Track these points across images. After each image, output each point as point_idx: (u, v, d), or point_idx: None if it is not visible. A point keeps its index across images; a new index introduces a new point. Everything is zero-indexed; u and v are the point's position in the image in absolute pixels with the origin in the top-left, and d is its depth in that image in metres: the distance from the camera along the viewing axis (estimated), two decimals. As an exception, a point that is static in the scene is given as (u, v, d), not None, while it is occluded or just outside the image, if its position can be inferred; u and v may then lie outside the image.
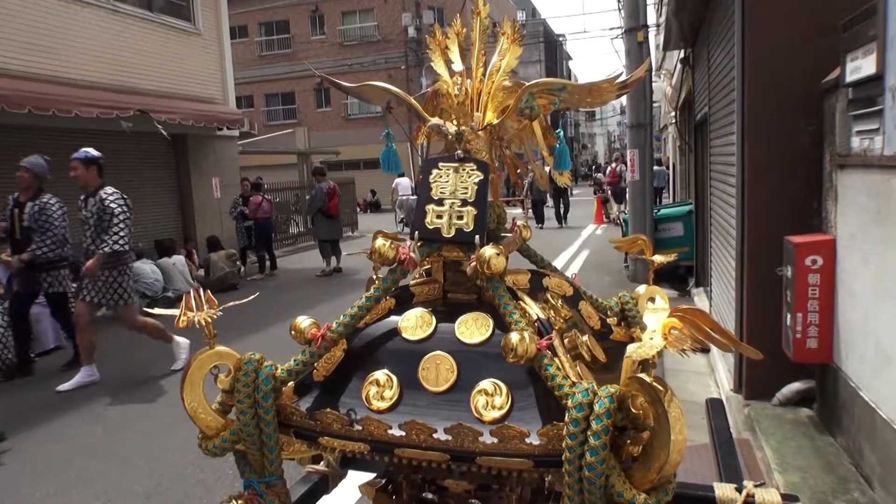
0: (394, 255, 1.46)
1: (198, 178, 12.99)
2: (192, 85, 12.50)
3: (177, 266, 9.82)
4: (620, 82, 1.51)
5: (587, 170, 58.92)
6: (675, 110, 12.65)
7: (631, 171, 9.86)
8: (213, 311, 1.41)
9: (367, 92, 1.68)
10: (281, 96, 33.06)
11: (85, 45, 10.22)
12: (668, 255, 2.02)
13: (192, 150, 12.83)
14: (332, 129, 31.40)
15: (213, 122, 12.21)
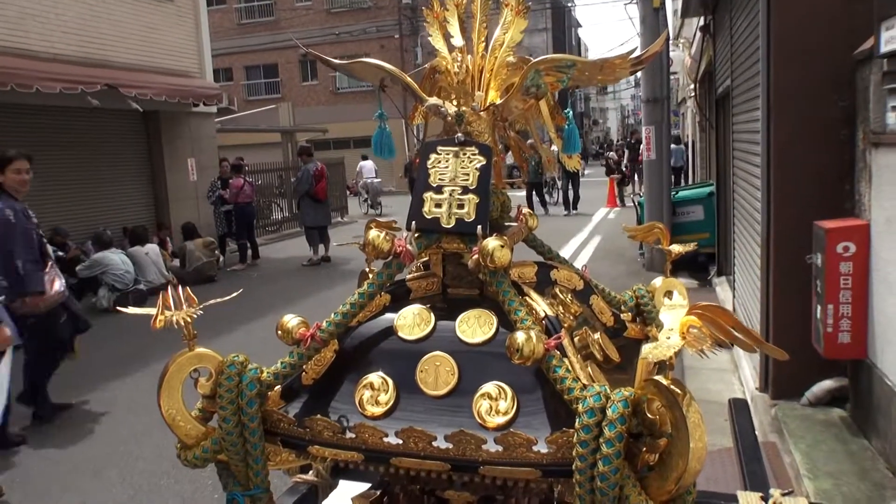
0: (389, 247, 1.46)
1: (172, 160, 12.96)
2: (164, 57, 12.44)
3: (150, 256, 9.82)
4: (635, 58, 1.51)
5: (598, 148, 58.85)
6: (694, 83, 12.60)
7: (647, 149, 9.85)
8: (192, 310, 1.41)
9: (358, 69, 1.68)
10: (263, 68, 32.91)
11: (47, 15, 10.16)
12: (687, 245, 2.02)
13: (165, 129, 12.79)
14: (319, 104, 31.30)
15: (189, 98, 12.16)
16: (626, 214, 15.73)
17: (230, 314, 7.63)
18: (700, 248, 8.98)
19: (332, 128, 24.39)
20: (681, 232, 9.48)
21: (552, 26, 51.23)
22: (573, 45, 63.81)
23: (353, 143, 28.19)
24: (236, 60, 32.41)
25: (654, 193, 9.64)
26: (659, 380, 1.15)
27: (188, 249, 10.77)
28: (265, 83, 32.96)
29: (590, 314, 1.74)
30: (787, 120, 4.45)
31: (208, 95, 12.88)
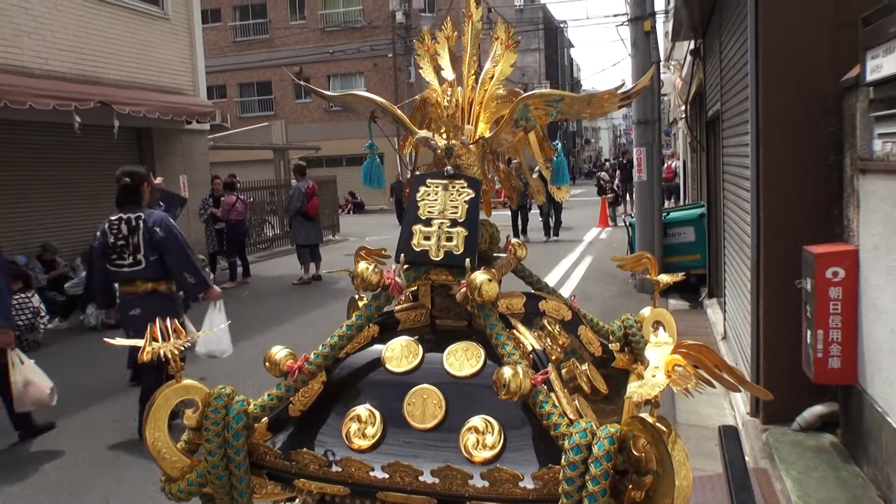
0: (378, 280, 1.48)
1: (164, 176, 12.92)
2: (158, 74, 12.48)
3: (141, 274, 9.77)
4: (623, 93, 1.54)
5: (590, 167, 59.16)
6: (685, 104, 12.73)
7: (638, 171, 9.91)
8: (180, 341, 1.41)
9: (350, 101, 1.70)
10: (256, 86, 33.01)
11: (41, 32, 10.18)
12: (675, 276, 2.04)
13: (157, 146, 12.80)
14: (312, 122, 31.39)
15: (182, 115, 12.17)
16: (617, 234, 15.80)
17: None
18: (691, 269, 9.02)
19: (325, 146, 24.45)
20: (672, 253, 9.53)
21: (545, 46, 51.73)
22: (565, 64, 64.37)
23: (346, 160, 28.25)
24: (230, 78, 32.51)
25: (645, 214, 9.70)
26: (645, 417, 1.16)
27: (179, 267, 10.72)
28: (259, 100, 33.05)
29: (578, 345, 1.75)
30: (775, 144, 4.49)
31: (201, 113, 12.90)
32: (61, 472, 4.74)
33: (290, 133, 22.20)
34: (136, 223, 4.82)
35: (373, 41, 30.29)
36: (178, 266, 4.87)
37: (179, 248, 4.90)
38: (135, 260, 4.80)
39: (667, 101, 23.64)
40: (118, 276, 4.88)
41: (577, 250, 14.16)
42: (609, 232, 17.31)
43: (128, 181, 4.93)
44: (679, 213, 10.27)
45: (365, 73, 31.19)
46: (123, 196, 4.94)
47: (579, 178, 55.49)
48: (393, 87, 30.13)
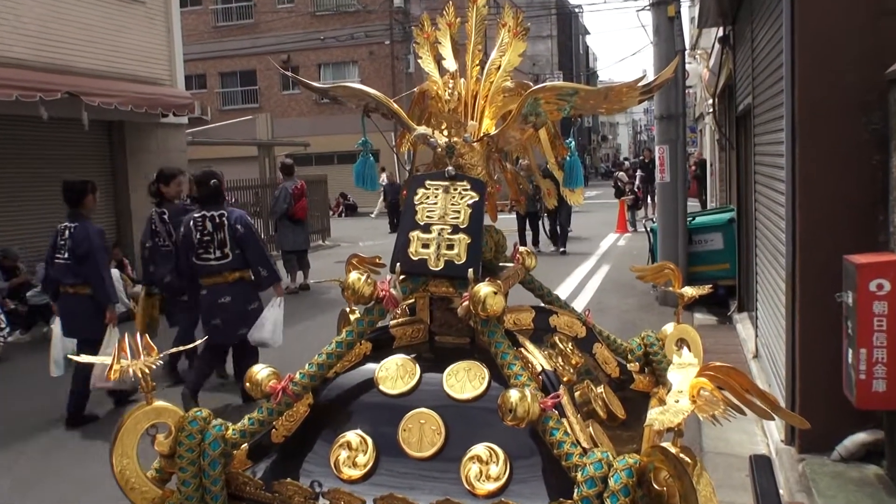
0: (371, 291, 1.47)
1: (136, 175, 12.96)
2: (132, 62, 12.51)
3: (109, 282, 9.77)
4: (643, 86, 1.54)
5: (607, 167, 59.23)
6: (712, 98, 12.73)
7: (660, 170, 9.92)
8: (151, 359, 1.41)
9: (341, 94, 1.70)
10: (239, 76, 33.11)
11: (5, 16, 10.22)
12: (701, 288, 2.04)
13: (130, 141, 12.82)
14: (300, 115, 31.46)
15: (157, 107, 12.20)
16: (637, 241, 15.78)
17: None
18: (719, 280, 9.00)
19: (315, 141, 24.48)
20: (698, 262, 9.52)
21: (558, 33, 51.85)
22: (580, 53, 64.53)
23: (338, 158, 28.29)
24: (211, 66, 32.60)
25: (668, 219, 9.69)
26: (667, 447, 1.15)
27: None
28: (242, 91, 33.13)
29: (593, 364, 1.74)
30: (813, 142, 4.48)
31: (179, 105, 12.93)
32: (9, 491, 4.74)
33: (277, 127, 22.22)
34: (219, 220, 5.76)
35: (368, 27, 30.38)
36: (254, 260, 5.80)
37: (256, 243, 5.90)
38: (222, 254, 5.75)
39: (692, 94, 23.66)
40: (205, 270, 5.78)
41: (592, 259, 14.15)
42: (628, 238, 17.30)
43: (216, 182, 5.90)
44: (706, 218, 10.26)
45: (359, 61, 31.27)
46: (207, 197, 5.87)
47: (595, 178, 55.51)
48: (390, 77, 30.20)
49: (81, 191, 5.95)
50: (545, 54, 51.03)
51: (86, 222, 5.89)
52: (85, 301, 5.77)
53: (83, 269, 5.72)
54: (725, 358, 6.90)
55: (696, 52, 16.43)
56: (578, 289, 10.87)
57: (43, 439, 5.80)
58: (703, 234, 9.72)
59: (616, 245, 16.26)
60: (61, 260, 5.80)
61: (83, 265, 5.71)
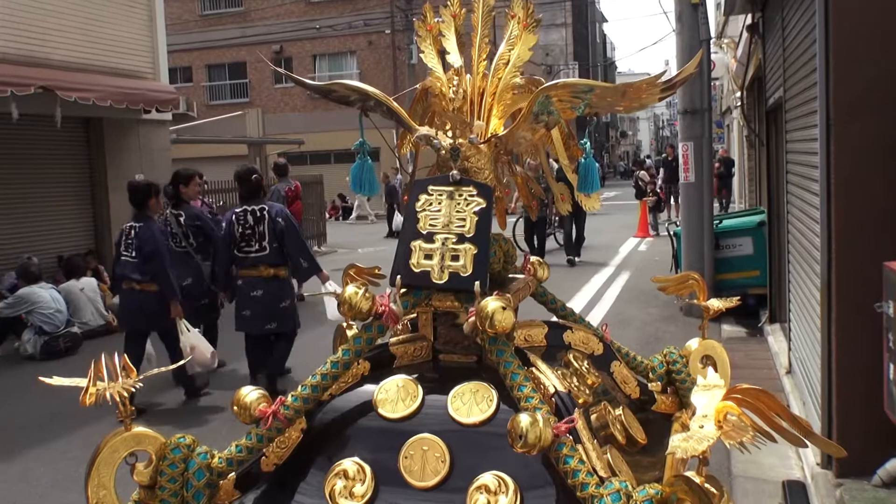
0: (369, 307, 1.47)
1: (116, 176, 12.99)
2: (111, 55, 12.55)
3: (85, 292, 9.79)
4: (665, 82, 1.54)
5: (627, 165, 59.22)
6: (740, 90, 12.73)
7: (684, 169, 9.91)
8: (130, 381, 1.41)
9: (337, 91, 1.70)
10: (228, 68, 33.22)
11: (-28, 4, 10.28)
12: (729, 300, 2.03)
13: (109, 139, 12.86)
14: (294, 110, 31.54)
15: (139, 103, 12.23)
16: (659, 245, 15.77)
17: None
18: (748, 289, 8.96)
19: (310, 139, 24.57)
20: (725, 269, 9.49)
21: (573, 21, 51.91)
22: (597, 42, 64.60)
23: (335, 157, 28.35)
24: (197, 58, 32.71)
25: (692, 222, 9.68)
26: (691, 477, 1.14)
27: (133, 284, 10.75)
28: (231, 85, 33.23)
29: (611, 384, 1.74)
30: (850, 140, 4.47)
31: (162, 100, 12.96)
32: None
33: (269, 124, 22.32)
34: (260, 214, 6.46)
35: (367, 14, 30.45)
36: (295, 252, 6.51)
37: (296, 236, 6.61)
38: (260, 247, 6.46)
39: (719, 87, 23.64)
40: (244, 262, 6.51)
41: (610, 265, 14.13)
42: (650, 243, 17.28)
43: (257, 178, 6.73)
44: (734, 221, 10.24)
45: (357, 52, 31.34)
46: (249, 192, 6.64)
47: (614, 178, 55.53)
48: (391, 69, 30.26)
49: (146, 193, 6.75)
50: (559, 44, 51.07)
51: (150, 222, 6.70)
52: (151, 297, 6.56)
53: (149, 267, 6.51)
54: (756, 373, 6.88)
55: (723, 42, 16.43)
56: (595, 299, 10.85)
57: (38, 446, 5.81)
58: (730, 238, 9.69)
59: (636, 250, 16.23)
60: (128, 258, 6.62)
61: (149, 263, 6.50)
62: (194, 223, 7.44)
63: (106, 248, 12.71)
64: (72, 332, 9.15)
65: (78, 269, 10.09)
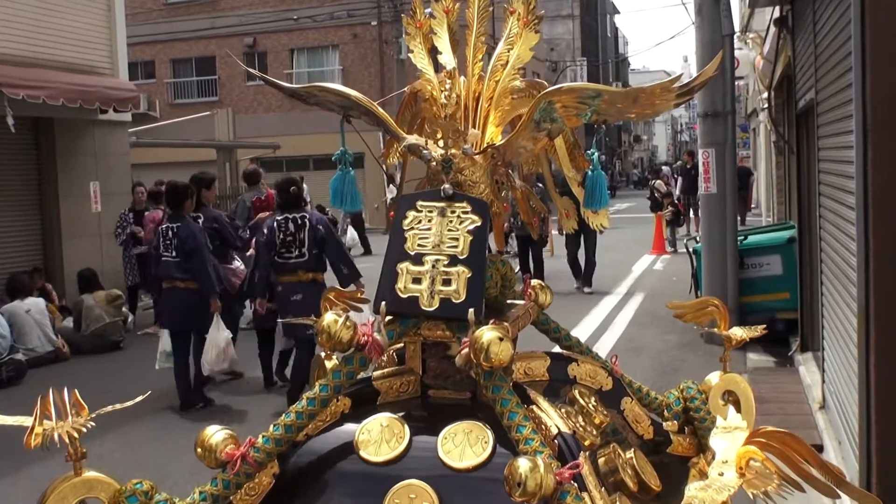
0: (350, 337, 1.47)
1: (69, 183, 12.99)
2: (64, 48, 12.56)
3: (31, 314, 9.76)
4: (681, 87, 1.55)
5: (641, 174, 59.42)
6: (767, 91, 12.80)
7: (705, 179, 9.94)
8: (81, 420, 1.41)
9: (316, 96, 1.71)
10: (195, 63, 33.27)
11: None
12: (753, 330, 2.03)
13: (61, 143, 12.85)
14: (268, 110, 31.57)
15: (95, 102, 12.24)
16: (678, 264, 15.79)
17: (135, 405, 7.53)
18: (777, 313, 8.97)
19: (286, 142, 24.55)
20: (751, 290, 9.50)
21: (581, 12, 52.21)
22: (608, 36, 64.98)
23: (314, 162, 28.36)
24: (160, 52, 32.77)
25: (714, 238, 9.70)
26: (710, 530, 1.15)
27: (86, 305, 10.73)
28: (198, 82, 33.28)
29: (621, 424, 1.74)
30: (889, 147, 4.49)
31: (121, 99, 12.96)
32: None
33: (240, 125, 22.32)
34: (301, 222, 7.40)
35: (351, 4, 30.56)
36: (335, 258, 7.47)
37: (336, 243, 7.68)
38: (300, 253, 7.37)
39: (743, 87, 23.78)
40: (284, 268, 7.41)
41: (622, 287, 14.14)
42: (666, 261, 17.31)
43: (295, 189, 7.65)
44: (761, 237, 10.27)
45: (340, 46, 31.43)
46: (287, 202, 7.61)
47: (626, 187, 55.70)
48: (377, 64, 30.35)
49: (183, 195, 7.90)
50: (565, 37, 51.32)
51: (187, 221, 7.73)
52: (193, 294, 7.58)
53: (190, 265, 7.52)
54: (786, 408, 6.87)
55: (748, 36, 16.53)
56: (605, 325, 10.85)
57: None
58: (757, 256, 9.71)
59: (651, 269, 16.27)
60: (168, 258, 7.57)
61: (190, 261, 7.51)
62: (212, 226, 8.34)
63: (56, 264, 12.68)
64: (16, 360, 9.10)
65: (23, 289, 10.06)
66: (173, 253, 7.52)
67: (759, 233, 11.07)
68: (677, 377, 7.12)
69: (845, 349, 5.70)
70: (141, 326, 11.99)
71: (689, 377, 2.16)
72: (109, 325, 10.74)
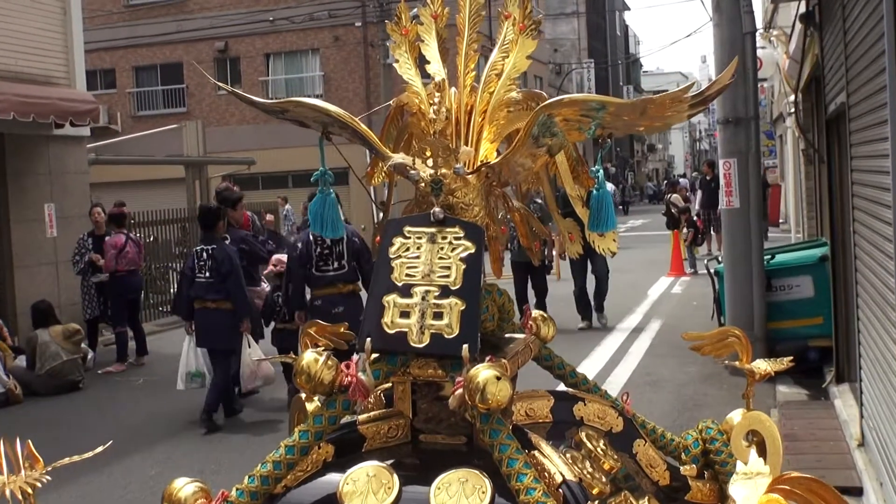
0: (332, 378, 1.48)
1: (20, 205, 12.98)
2: (15, 55, 12.59)
3: (-21, 352, 9.74)
4: (694, 96, 1.56)
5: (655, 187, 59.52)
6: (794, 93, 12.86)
7: (726, 192, 9.96)
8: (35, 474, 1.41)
9: (294, 111, 1.72)
10: (160, 70, 33.32)
11: None
12: (780, 363, 2.04)
13: (12, 161, 12.85)
14: (242, 122, 31.58)
15: (49, 115, 12.25)
16: (698, 287, 15.79)
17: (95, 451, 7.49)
18: (809, 340, 8.97)
19: (262, 158, 24.56)
20: (780, 315, 9.50)
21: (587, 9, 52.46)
22: (617, 35, 65.33)
23: (293, 179, 28.37)
24: (122, 59, 32.82)
25: (738, 257, 9.70)
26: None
27: (40, 342, 10.70)
28: (163, 91, 33.30)
29: (633, 469, 1.75)
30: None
31: (79, 111, 12.98)
32: None
33: (211, 139, 22.35)
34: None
35: (332, 4, 30.63)
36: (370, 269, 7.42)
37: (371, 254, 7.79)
38: (339, 265, 8.22)
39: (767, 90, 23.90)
40: (322, 281, 8.23)
41: (636, 313, 14.13)
42: (686, 283, 17.32)
43: None
44: (790, 256, 10.27)
45: (321, 50, 31.53)
46: None
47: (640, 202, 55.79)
48: (362, 70, 30.46)
49: (216, 216, 8.80)
50: (570, 37, 51.55)
51: (222, 243, 8.59)
52: (226, 315, 8.44)
53: (226, 286, 8.40)
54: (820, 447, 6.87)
55: (772, 34, 16.62)
56: (618, 356, 10.83)
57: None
58: (786, 277, 9.72)
59: (669, 293, 16.26)
60: (203, 279, 8.45)
61: (226, 283, 8.39)
62: (240, 247, 9.05)
63: (6, 296, 12.63)
64: (-39, 403, 9.07)
65: (-33, 323, 10.03)
66: (207, 274, 8.38)
67: (788, 251, 11.08)
68: (699, 414, 7.11)
69: (885, 380, 5.71)
70: (102, 364, 11.95)
71: (713, 414, 2.16)
72: (67, 363, 10.70)
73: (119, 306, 12.01)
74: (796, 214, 19.31)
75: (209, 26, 30.84)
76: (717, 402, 8.07)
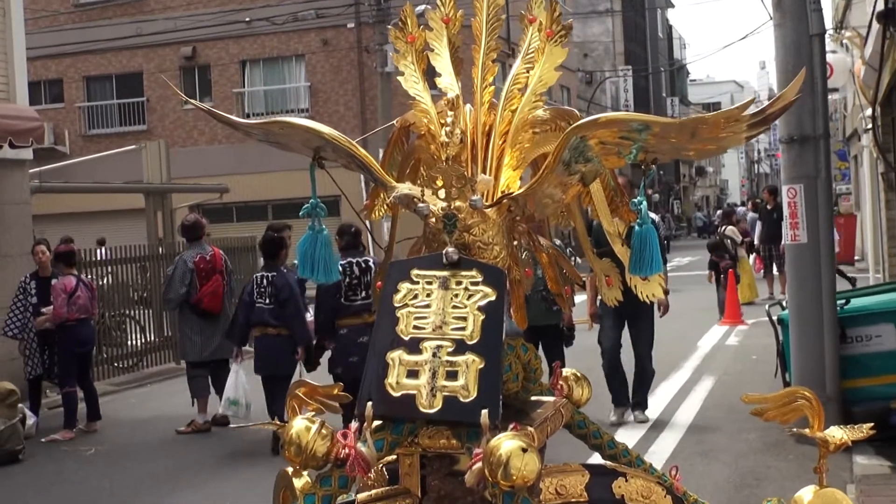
0: (326, 449, 1.47)
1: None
2: (-56, 65, 12.70)
3: None
4: (755, 114, 1.56)
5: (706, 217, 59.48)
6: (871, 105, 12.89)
7: (792, 224, 9.93)
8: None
9: (280, 133, 1.72)
10: (116, 81, 33.51)
11: None
12: (859, 430, 2.04)
13: (-59, 190, 12.94)
14: (212, 142, 31.73)
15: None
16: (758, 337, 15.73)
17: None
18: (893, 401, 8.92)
19: (236, 184, 24.64)
20: (857, 372, 9.46)
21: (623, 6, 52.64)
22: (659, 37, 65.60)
23: (274, 210, 28.44)
24: (71, 67, 33.05)
25: (805, 302, 9.67)
26: None
27: (-29, 406, 10.72)
28: (120, 106, 33.49)
29: (685, 558, 1.74)
30: None
31: (18, 130, 13.06)
32: None
33: (176, 162, 22.43)
34: (365, 265, 9.52)
35: (320, 2, 30.74)
36: None
37: None
38: (366, 294, 9.33)
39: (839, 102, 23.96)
40: (349, 311, 9.40)
41: (685, 368, 14.09)
42: (743, 333, 17.26)
43: (355, 229, 9.75)
44: (868, 301, 10.24)
45: (307, 56, 31.74)
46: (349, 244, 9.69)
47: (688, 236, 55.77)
48: (356, 79, 30.66)
49: (279, 245, 10.58)
50: (604, 40, 51.77)
51: (282, 271, 10.17)
52: (285, 341, 9.96)
53: (284, 312, 9.89)
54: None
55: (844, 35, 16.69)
56: (664, 419, 10.79)
57: None
58: (864, 326, 9.68)
59: (724, 345, 16.21)
60: (263, 305, 9.96)
61: (285, 308, 9.89)
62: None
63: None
64: None
65: None
66: (267, 300, 9.90)
67: (866, 294, 11.05)
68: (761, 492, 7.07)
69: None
70: (46, 431, 11.92)
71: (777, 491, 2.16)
72: (4, 430, 10.70)
73: (67, 362, 11.98)
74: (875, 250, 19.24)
75: (174, 28, 31.03)
76: (782, 476, 8.02)
